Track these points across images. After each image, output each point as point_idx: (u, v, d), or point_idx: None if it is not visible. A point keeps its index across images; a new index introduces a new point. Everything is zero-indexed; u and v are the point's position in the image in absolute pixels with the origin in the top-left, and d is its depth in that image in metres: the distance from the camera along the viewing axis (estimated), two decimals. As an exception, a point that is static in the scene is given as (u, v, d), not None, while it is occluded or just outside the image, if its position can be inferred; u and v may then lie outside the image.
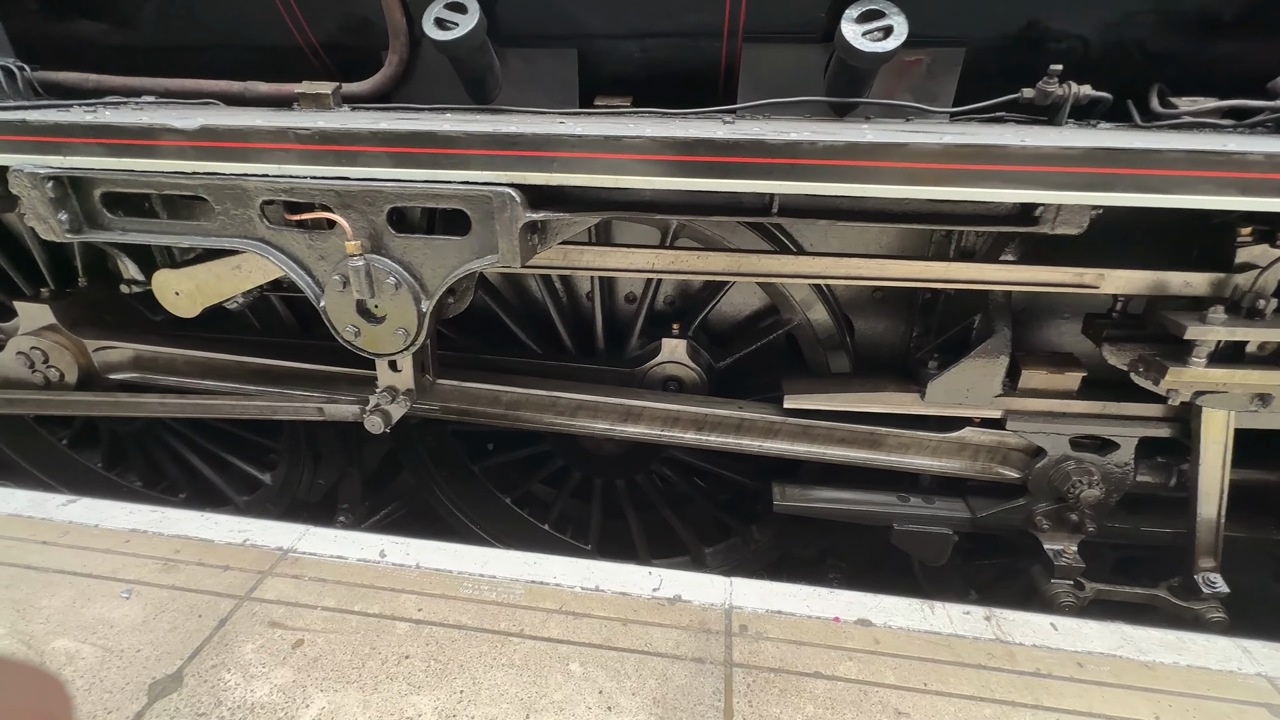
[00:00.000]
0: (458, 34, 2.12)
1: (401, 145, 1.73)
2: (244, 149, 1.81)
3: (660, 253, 2.14)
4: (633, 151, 1.64)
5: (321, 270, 1.99)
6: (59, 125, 1.85)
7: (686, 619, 1.88)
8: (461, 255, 1.89)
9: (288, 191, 1.87)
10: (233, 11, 2.46)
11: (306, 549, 2.13)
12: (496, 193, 1.74)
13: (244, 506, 3.61)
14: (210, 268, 2.20)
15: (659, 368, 2.57)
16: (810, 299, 2.49)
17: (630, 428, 2.54)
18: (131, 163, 1.87)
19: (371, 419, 2.38)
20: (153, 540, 2.15)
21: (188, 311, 2.29)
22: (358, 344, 2.05)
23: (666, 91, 2.50)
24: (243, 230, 1.98)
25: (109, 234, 2.06)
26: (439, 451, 3.19)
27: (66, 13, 2.57)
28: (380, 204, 1.85)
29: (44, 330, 2.68)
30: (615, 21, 2.29)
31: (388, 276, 1.91)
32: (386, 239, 1.90)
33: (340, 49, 2.50)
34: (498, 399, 2.57)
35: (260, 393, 2.62)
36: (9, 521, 2.22)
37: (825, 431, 2.42)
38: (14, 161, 1.93)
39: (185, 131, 1.80)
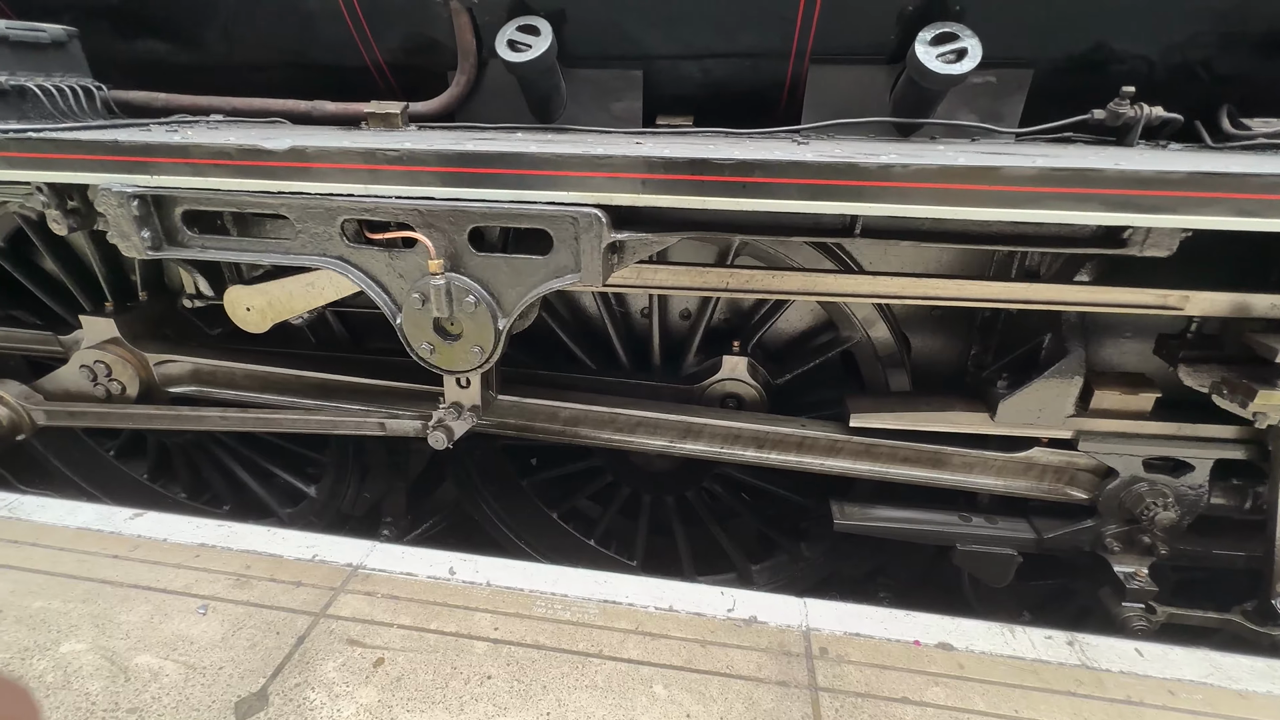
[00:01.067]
0: (530, 55, 2.16)
1: (489, 166, 1.75)
2: (330, 169, 1.83)
3: (735, 272, 2.14)
4: (719, 173, 1.65)
5: (398, 288, 2.01)
6: (150, 145, 1.88)
7: (765, 641, 1.86)
8: (541, 274, 1.91)
9: (370, 211, 1.89)
10: (300, 31, 2.50)
11: (375, 565, 2.12)
12: (583, 213, 1.75)
13: (287, 519, 3.62)
14: (283, 284, 2.22)
15: (719, 385, 2.57)
16: (872, 316, 2.48)
17: (690, 445, 2.53)
18: (219, 182, 1.90)
19: (435, 435, 2.38)
20: (222, 555, 2.16)
21: (257, 327, 2.31)
22: (433, 361, 2.07)
23: (727, 110, 2.52)
24: (321, 248, 2.00)
25: (188, 251, 2.09)
26: (487, 466, 3.19)
27: (137, 33, 2.63)
28: (463, 224, 1.86)
29: (107, 344, 2.71)
30: (683, 43, 2.31)
31: (467, 295, 1.92)
32: (466, 257, 1.92)
33: (405, 69, 2.53)
34: (556, 415, 2.58)
35: (322, 408, 2.64)
36: (79, 535, 2.23)
37: (889, 450, 2.41)
38: (101, 180, 1.96)
39: (274, 152, 1.82)
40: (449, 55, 2.44)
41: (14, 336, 3.07)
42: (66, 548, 2.17)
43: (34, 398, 2.74)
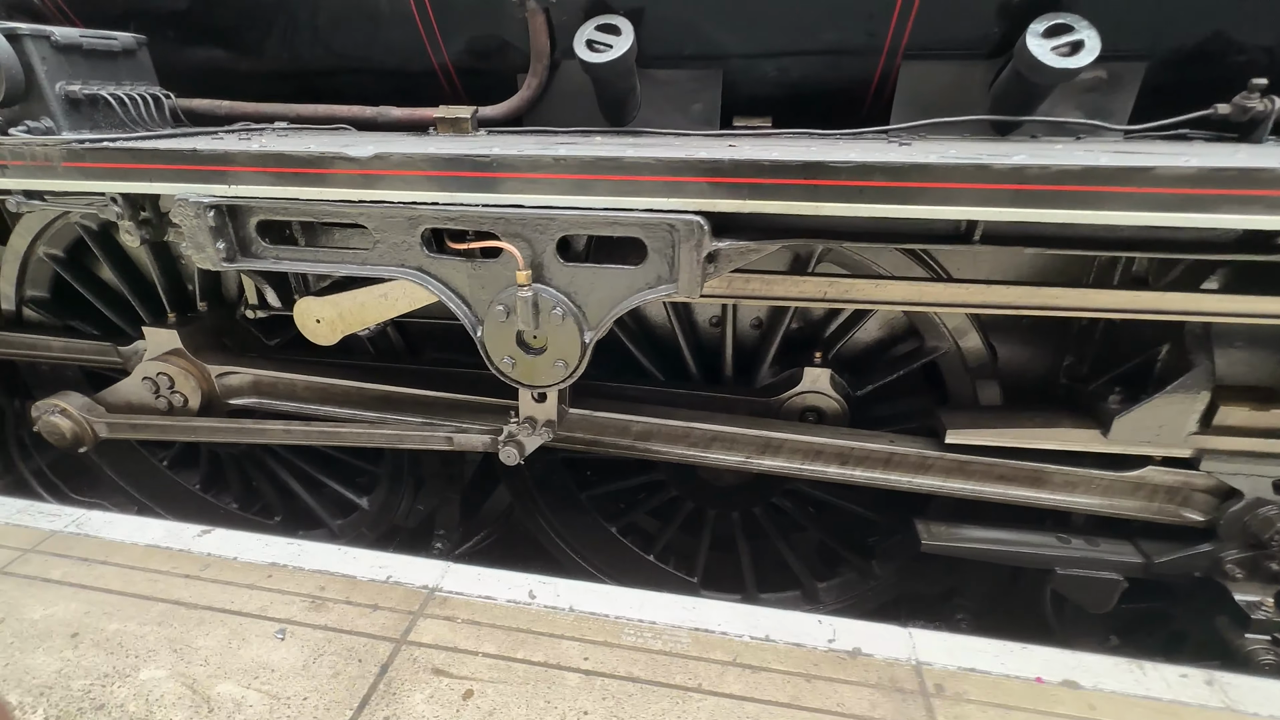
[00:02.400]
0: (610, 56, 2.06)
1: (585, 172, 1.66)
2: (415, 177, 1.76)
3: (835, 281, 2.03)
4: (835, 177, 1.54)
5: (479, 300, 1.93)
6: (230, 154, 1.82)
7: (874, 675, 1.74)
8: (633, 285, 1.81)
9: (453, 219, 1.81)
10: (365, 35, 2.44)
11: (452, 588, 2.04)
12: (684, 221, 1.65)
13: (338, 530, 3.57)
14: (355, 295, 2.15)
15: (798, 398, 2.45)
16: (964, 326, 2.35)
17: (768, 461, 2.42)
18: (299, 191, 1.84)
19: (507, 450, 2.30)
20: (295, 575, 2.09)
21: (327, 339, 2.25)
22: (513, 375, 1.98)
23: (805, 111, 2.42)
24: (400, 258, 1.92)
25: (261, 262, 2.03)
26: (545, 479, 3.10)
27: (197, 40, 2.59)
28: (551, 232, 1.78)
29: (169, 355, 2.67)
30: (765, 41, 2.21)
31: (554, 307, 1.84)
32: (552, 268, 1.83)
33: (472, 72, 2.46)
34: (627, 429, 2.48)
35: (385, 420, 2.57)
36: (149, 553, 2.18)
37: (984, 468, 2.27)
38: (178, 190, 1.91)
39: (358, 159, 1.75)
40: (519, 57, 2.36)
41: (73, 347, 3.06)
42: (138, 566, 2.12)
43: (96, 410, 2.71)
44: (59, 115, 2.02)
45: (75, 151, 1.92)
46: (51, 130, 2.01)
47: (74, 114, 2.06)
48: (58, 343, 3.07)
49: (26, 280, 3.13)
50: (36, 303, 3.18)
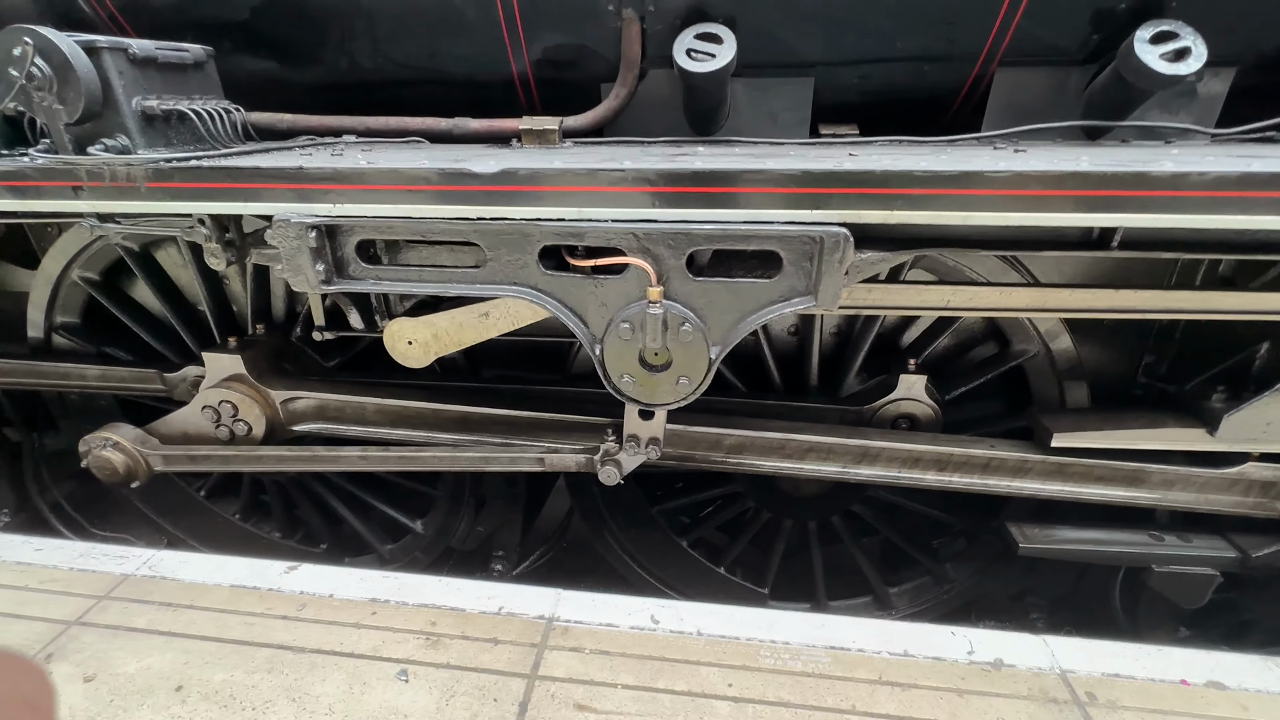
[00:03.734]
0: (713, 66, 2.03)
1: (725, 185, 1.62)
2: (543, 192, 1.69)
3: (958, 289, 2.02)
4: (993, 186, 1.53)
5: (598, 317, 1.87)
6: (338, 172, 1.73)
7: (1023, 687, 1.72)
8: (765, 298, 1.77)
9: (577, 235, 1.75)
10: (441, 44, 2.35)
11: (570, 616, 1.97)
12: (830, 232, 1.62)
13: (388, 556, 3.44)
14: (453, 316, 2.07)
15: (891, 405, 2.43)
16: (1056, 329, 2.37)
17: (865, 470, 2.40)
18: (410, 209, 1.75)
19: (606, 470, 2.24)
20: (400, 611, 2.00)
21: (419, 361, 2.15)
22: (631, 393, 1.92)
23: (890, 118, 2.42)
24: (513, 276, 1.85)
25: (359, 283, 1.93)
26: (616, 495, 3.03)
27: (254, 50, 2.47)
28: (683, 247, 1.73)
29: (231, 381, 2.54)
30: (861, 48, 2.20)
31: (682, 323, 1.78)
32: (681, 283, 1.78)
33: (553, 82, 2.39)
34: (719, 442, 2.43)
35: (462, 443, 2.48)
36: (237, 595, 2.06)
37: (1083, 470, 2.29)
38: (279, 210, 1.80)
39: (481, 175, 1.68)
40: (604, 66, 2.31)
41: (111, 376, 2.89)
42: (227, 609, 1.99)
43: (150, 442, 2.56)
44: (134, 132, 1.90)
45: (163, 171, 1.81)
46: (127, 148, 1.89)
47: (149, 130, 1.94)
48: (93, 371, 2.90)
49: (57, 306, 2.95)
50: (68, 329, 2.99)
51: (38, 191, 1.89)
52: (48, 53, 1.73)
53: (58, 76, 1.76)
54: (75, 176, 1.85)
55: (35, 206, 1.92)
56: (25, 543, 2.34)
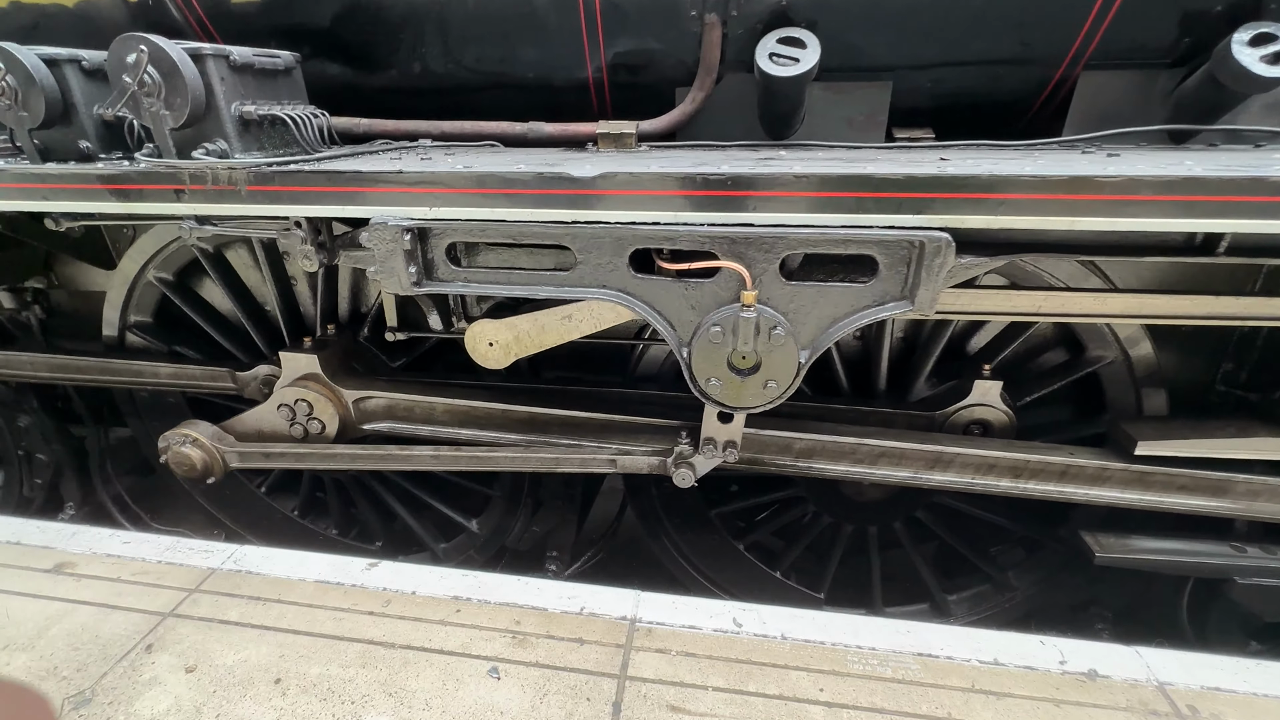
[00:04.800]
0: (796, 70, 2.03)
1: (828, 189, 1.62)
2: (638, 196, 1.70)
3: (1050, 295, 2.00)
4: (1103, 191, 1.51)
5: (686, 320, 1.87)
6: (437, 176, 1.76)
7: (1121, 699, 1.70)
8: (858, 303, 1.77)
9: (670, 239, 1.76)
10: (515, 50, 2.38)
11: (652, 618, 1.98)
12: (931, 237, 1.61)
13: (442, 554, 3.48)
14: (536, 318, 2.09)
15: (965, 411, 2.41)
16: (1137, 335, 2.34)
17: (937, 476, 2.38)
18: (505, 212, 1.78)
19: (681, 473, 2.25)
20: (483, 610, 2.02)
21: (498, 363, 2.18)
22: (717, 396, 1.92)
23: (965, 122, 2.40)
24: (603, 280, 1.87)
25: (448, 285, 1.96)
26: (673, 497, 3.04)
27: (331, 56, 2.51)
28: (777, 251, 1.73)
29: (306, 380, 2.59)
30: (942, 51, 2.18)
31: (774, 327, 1.79)
32: (773, 287, 1.78)
33: (627, 86, 2.41)
34: (789, 446, 2.43)
35: (544, 444, 2.50)
36: (321, 589, 2.10)
37: (1165, 479, 2.25)
38: (376, 213, 1.84)
39: (579, 179, 1.70)
40: (680, 70, 2.32)
41: (184, 374, 2.95)
42: (315, 604, 2.03)
43: (226, 439, 2.62)
44: (233, 136, 1.94)
45: (265, 175, 1.85)
46: (226, 152, 1.93)
47: (245, 135, 1.99)
48: (166, 369, 2.96)
49: (132, 305, 3.03)
50: (141, 328, 3.07)
51: (140, 194, 1.95)
52: (158, 60, 1.78)
53: (166, 83, 1.81)
54: (179, 180, 1.90)
55: (137, 209, 1.98)
56: (113, 535, 2.40)
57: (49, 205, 2.03)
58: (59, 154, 2.11)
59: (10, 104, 1.98)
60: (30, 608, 2.01)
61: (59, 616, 1.97)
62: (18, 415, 3.54)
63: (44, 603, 2.03)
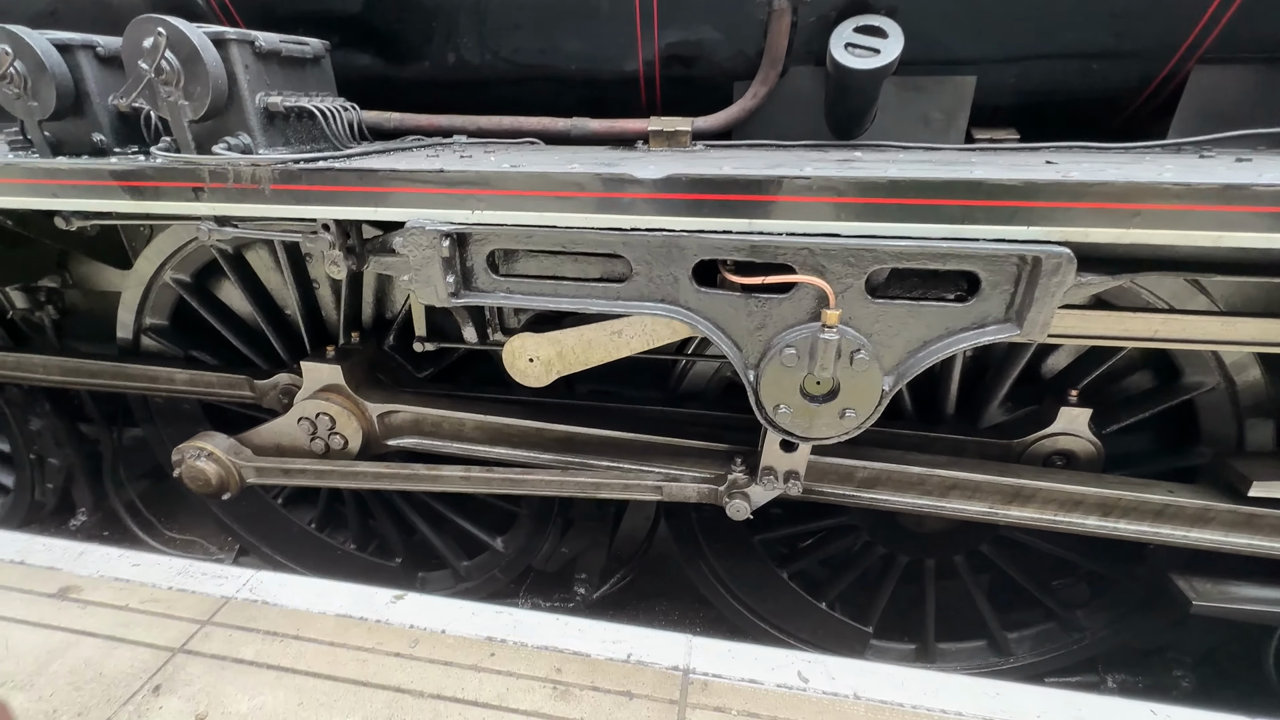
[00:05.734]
0: (877, 63, 1.82)
1: (928, 196, 1.41)
2: (708, 201, 1.51)
3: (1169, 318, 1.78)
4: (1260, 203, 1.29)
5: (754, 339, 1.68)
6: (482, 176, 1.58)
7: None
8: (953, 325, 1.56)
9: (743, 250, 1.56)
10: (562, 40, 2.19)
11: (707, 669, 1.78)
12: (1050, 252, 1.40)
13: (464, 573, 3.31)
14: (582, 333, 1.90)
15: (1047, 440, 2.19)
16: (1245, 361, 2.10)
17: (1016, 511, 2.16)
18: (558, 217, 1.59)
19: (735, 504, 2.06)
20: (519, 653, 1.83)
21: (538, 380, 2.00)
22: (785, 424, 1.73)
23: (1053, 121, 2.18)
24: (661, 293, 1.67)
25: (489, 297, 1.78)
26: (714, 521, 2.84)
27: (361, 45, 2.34)
28: (864, 265, 1.53)
29: (328, 392, 2.42)
30: (1034, 44, 1.97)
31: (857, 349, 1.58)
32: (857, 305, 1.58)
33: (681, 80, 2.21)
34: (852, 475, 2.22)
35: (581, 466, 2.31)
36: (344, 625, 1.92)
37: (1275, 521, 2.01)
38: (411, 216, 1.66)
39: (644, 182, 1.51)
40: (740, 62, 2.12)
41: (200, 380, 2.80)
42: (337, 642, 1.86)
43: (243, 453, 2.46)
44: (256, 130, 1.77)
45: (292, 172, 1.68)
46: (249, 147, 1.76)
47: (269, 128, 1.82)
48: (182, 375, 2.81)
49: (148, 307, 2.89)
50: (156, 331, 2.93)
51: (156, 192, 1.79)
52: (177, 44, 1.61)
53: (185, 70, 1.64)
54: (198, 177, 1.74)
55: (152, 208, 1.82)
56: (121, 556, 2.25)
57: (59, 203, 1.87)
58: (71, 147, 1.95)
59: (19, 92, 1.82)
60: (32, 638, 1.85)
61: (61, 649, 1.82)
62: (30, 418, 3.42)
63: (46, 633, 1.87)
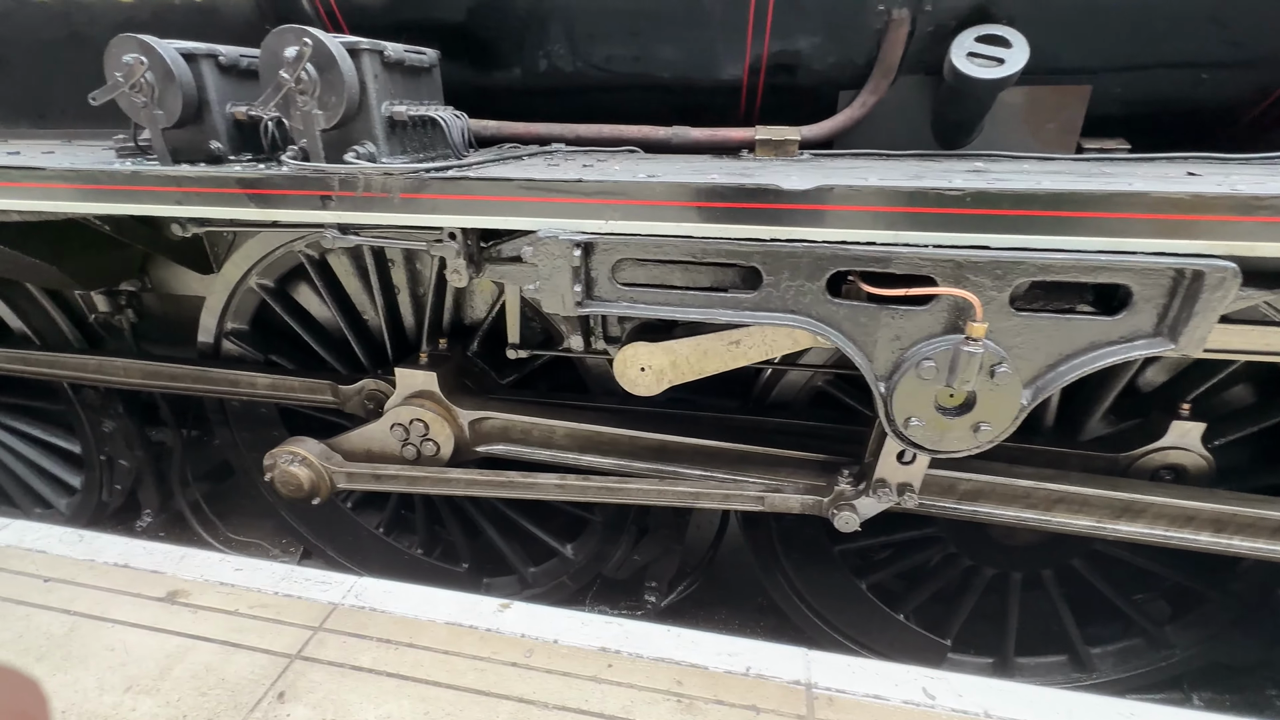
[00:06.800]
0: (1002, 72, 1.81)
1: (1087, 209, 1.40)
2: (857, 213, 1.50)
3: None
4: None
5: (887, 351, 1.66)
6: (620, 186, 1.57)
7: None
8: (1101, 339, 1.54)
9: (882, 261, 1.55)
10: (661, 47, 2.19)
11: (830, 684, 1.76)
12: (1213, 266, 1.38)
13: (531, 579, 3.30)
14: (699, 343, 1.89)
15: (1157, 454, 2.16)
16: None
17: (1125, 526, 2.12)
18: (692, 227, 1.58)
19: (844, 516, 2.04)
20: (637, 665, 1.82)
21: (648, 390, 1.99)
22: (915, 437, 1.71)
23: (1163, 131, 2.16)
24: (792, 304, 1.66)
25: (612, 306, 1.77)
26: (793, 531, 2.82)
27: (459, 54, 2.35)
28: (1011, 278, 1.51)
29: (420, 398, 2.43)
30: (1156, 51, 1.95)
31: (999, 363, 1.56)
32: (1001, 318, 1.56)
33: (784, 89, 2.20)
34: (954, 487, 2.19)
35: (673, 475, 2.30)
36: (455, 634, 1.92)
37: (1403, 541, 1.97)
38: (542, 225, 1.66)
39: (790, 193, 1.50)
40: (847, 71, 2.11)
41: (282, 385, 2.81)
42: (451, 650, 1.85)
43: (334, 458, 2.47)
44: (381, 139, 1.78)
45: (423, 181, 1.69)
46: (373, 156, 1.77)
47: (391, 137, 1.83)
48: (264, 379, 2.83)
49: (230, 312, 2.91)
50: (237, 335, 2.95)
51: (283, 200, 1.80)
52: (318, 54, 1.62)
53: (322, 79, 1.65)
54: (327, 185, 1.75)
55: (276, 216, 1.83)
56: (223, 561, 2.26)
57: (181, 210, 1.89)
58: (187, 155, 1.97)
59: (146, 101, 1.84)
60: (149, 642, 1.86)
61: (179, 654, 1.83)
62: (102, 420, 3.46)
63: (162, 637, 1.88)
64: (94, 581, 2.09)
